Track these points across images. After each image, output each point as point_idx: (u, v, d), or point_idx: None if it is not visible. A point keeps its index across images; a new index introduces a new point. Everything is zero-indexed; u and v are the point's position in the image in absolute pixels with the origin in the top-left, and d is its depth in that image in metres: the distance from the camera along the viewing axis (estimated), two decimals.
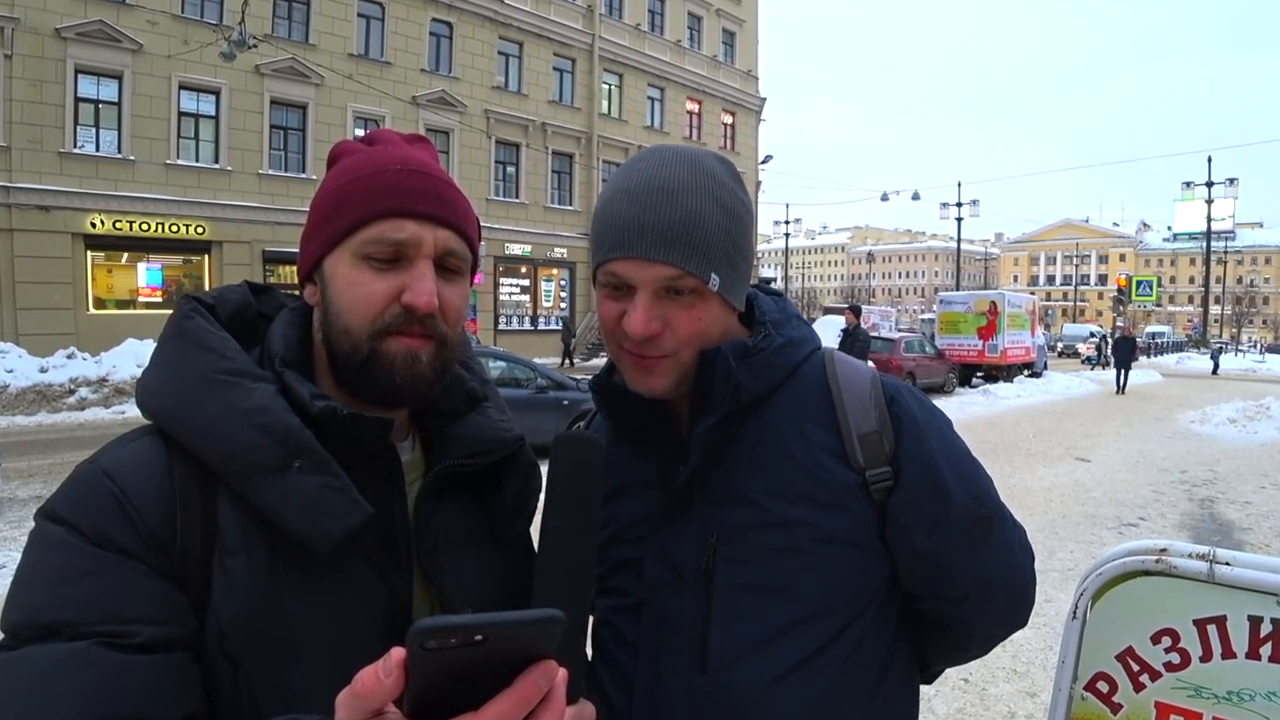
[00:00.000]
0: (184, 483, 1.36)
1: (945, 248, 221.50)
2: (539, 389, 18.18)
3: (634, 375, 1.73)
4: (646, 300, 1.63)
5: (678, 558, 1.77)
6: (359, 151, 1.59)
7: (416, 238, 1.48)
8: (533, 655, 0.94)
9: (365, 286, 1.47)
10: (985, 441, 20.78)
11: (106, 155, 33.90)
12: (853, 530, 1.72)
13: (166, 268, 36.79)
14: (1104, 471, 17.37)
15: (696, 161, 1.69)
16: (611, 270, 1.65)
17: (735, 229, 1.67)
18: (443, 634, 0.86)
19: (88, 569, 1.26)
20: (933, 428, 1.82)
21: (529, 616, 0.92)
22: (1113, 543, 9.31)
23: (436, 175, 1.56)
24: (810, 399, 1.79)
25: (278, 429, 1.38)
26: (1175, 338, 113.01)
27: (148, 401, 1.44)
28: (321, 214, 1.53)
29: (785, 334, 1.81)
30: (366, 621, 1.42)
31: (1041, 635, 7.84)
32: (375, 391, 1.48)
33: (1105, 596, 2.11)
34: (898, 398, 1.80)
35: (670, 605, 1.77)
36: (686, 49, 58.24)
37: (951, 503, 1.76)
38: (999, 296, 41.28)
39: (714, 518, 1.75)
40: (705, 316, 1.68)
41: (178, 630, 1.29)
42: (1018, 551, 1.90)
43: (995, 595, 1.88)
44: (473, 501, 1.65)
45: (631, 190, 1.64)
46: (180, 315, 1.50)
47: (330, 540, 1.35)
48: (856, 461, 1.73)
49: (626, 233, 1.61)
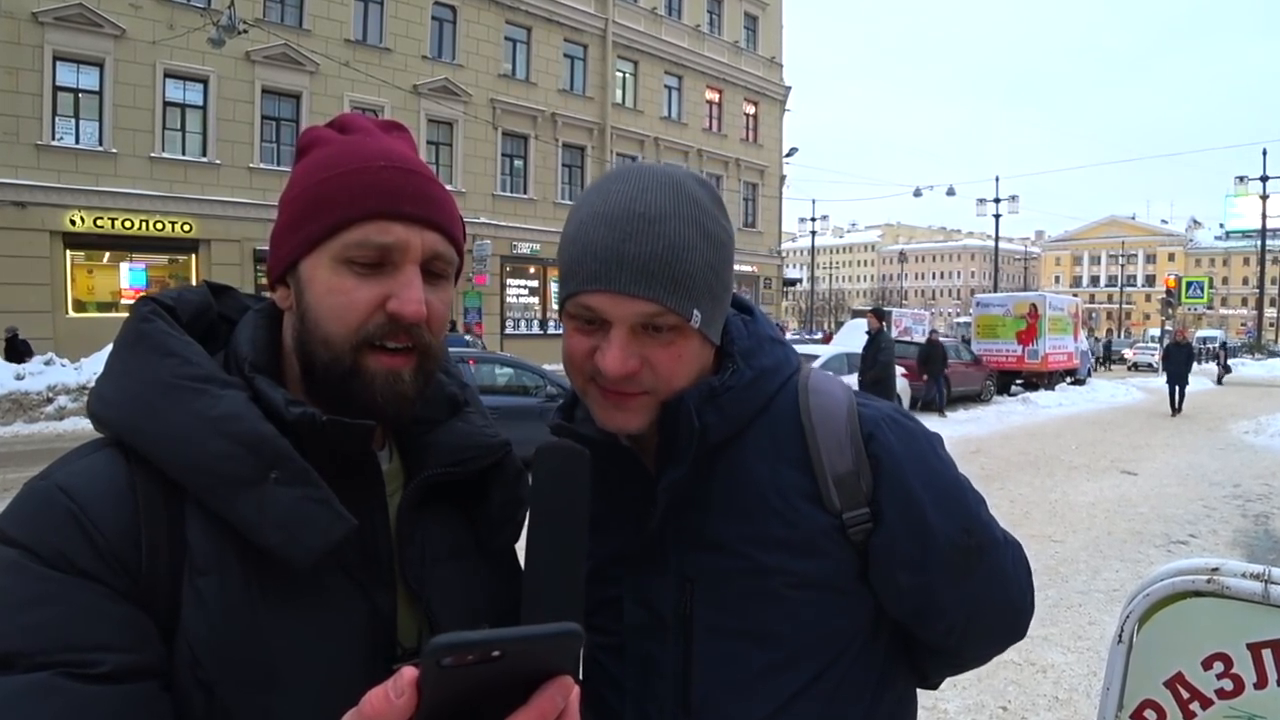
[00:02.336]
0: (147, 498, 1.34)
1: (982, 246, 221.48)
2: (548, 397, 18.04)
3: (605, 412, 1.70)
4: (623, 337, 1.60)
5: (655, 603, 1.78)
6: (333, 141, 1.57)
7: (404, 242, 1.47)
8: (548, 671, 0.94)
9: (347, 294, 1.46)
10: (1024, 453, 20.81)
11: (87, 148, 34.04)
12: (831, 575, 1.73)
13: (151, 268, 36.94)
14: (1151, 485, 17.30)
15: (679, 185, 1.65)
16: (584, 303, 1.62)
17: (718, 260, 1.66)
18: (460, 650, 0.86)
19: (44, 594, 1.23)
20: (914, 461, 1.79)
21: (548, 631, 0.92)
22: (1161, 561, 9.21)
23: (423, 173, 1.55)
24: (783, 436, 1.78)
25: (250, 437, 1.36)
26: (1228, 342, 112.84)
27: (104, 412, 1.42)
28: (298, 212, 1.51)
29: (756, 365, 1.78)
30: (348, 642, 1.41)
31: (1085, 660, 7.82)
32: (353, 407, 1.46)
33: (1153, 619, 2.10)
34: (876, 433, 1.77)
35: (651, 649, 1.78)
36: (706, 34, 58.32)
37: (935, 540, 1.75)
38: (1039, 298, 41.20)
39: (690, 563, 1.75)
40: (685, 354, 1.66)
41: (145, 658, 1.26)
42: (1010, 571, 1.90)
43: (986, 620, 1.89)
44: (456, 513, 1.63)
45: (609, 215, 1.60)
46: (138, 318, 1.48)
47: (312, 555, 1.34)
48: (832, 504, 1.72)
49: (604, 264, 1.58)
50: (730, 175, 59.20)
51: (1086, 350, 49.90)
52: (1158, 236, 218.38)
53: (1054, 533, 13.06)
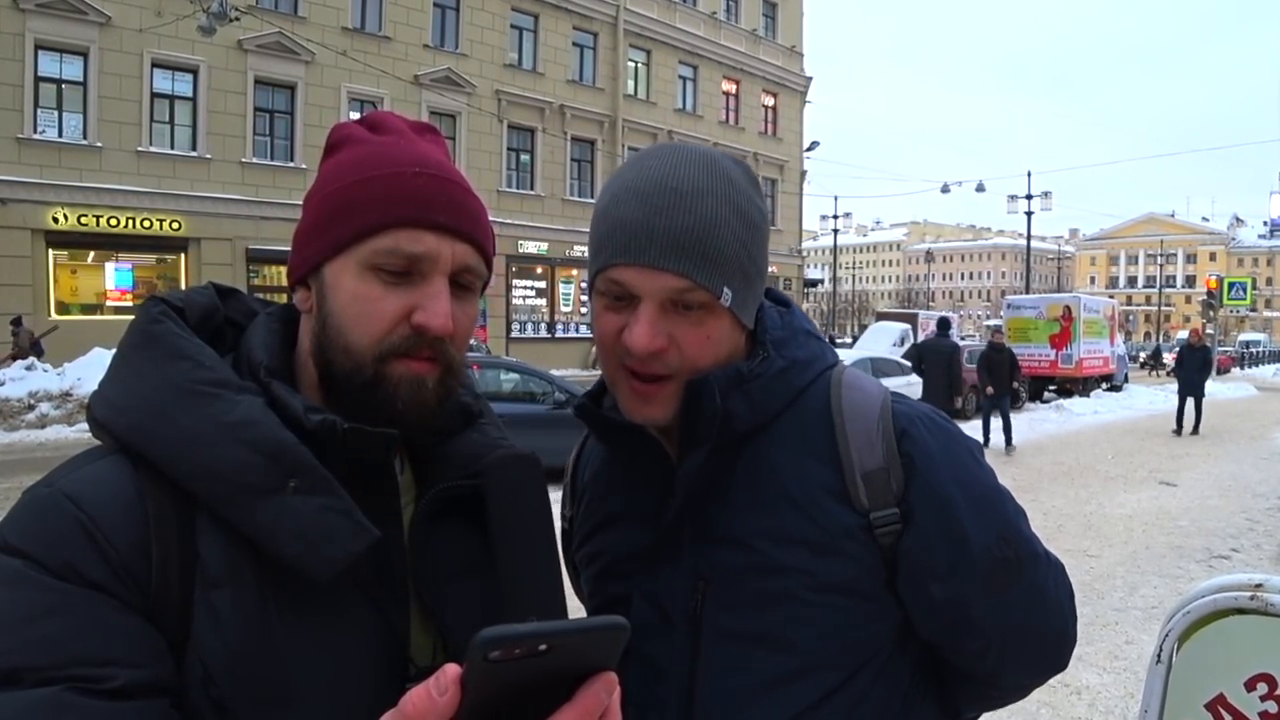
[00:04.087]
0: (157, 508, 1.35)
1: (1013, 245, 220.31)
2: (557, 404, 17.98)
3: (632, 404, 1.73)
4: (651, 313, 1.63)
5: (665, 600, 1.78)
6: (366, 141, 1.58)
7: (434, 252, 1.48)
8: (592, 667, 0.96)
9: (373, 302, 1.47)
10: (1058, 463, 20.74)
11: (70, 141, 34.11)
12: (854, 579, 1.72)
13: (138, 268, 37.02)
14: (1192, 497, 17.22)
15: (714, 163, 1.69)
16: (613, 278, 1.65)
17: (752, 240, 1.69)
18: (508, 644, 0.87)
19: (52, 605, 1.23)
20: (950, 461, 1.78)
21: (597, 624, 0.94)
22: (1201, 577, 9.19)
23: (457, 181, 1.56)
24: (812, 430, 1.78)
25: (269, 445, 1.37)
26: (1273, 346, 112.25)
27: (111, 417, 1.42)
28: (325, 213, 1.52)
29: (788, 355, 1.80)
30: (362, 660, 1.42)
31: (1122, 681, 7.80)
32: (375, 415, 1.47)
33: (1193, 638, 2.10)
34: (910, 430, 1.76)
35: (657, 652, 1.77)
36: (723, 22, 58.26)
37: (971, 547, 1.73)
38: (1074, 300, 40.96)
39: (704, 559, 1.76)
40: (714, 334, 1.68)
41: (157, 673, 1.27)
42: (1051, 592, 1.86)
43: (1025, 644, 1.85)
44: (470, 527, 1.63)
45: (641, 190, 1.64)
46: (147, 319, 1.49)
47: (333, 568, 1.34)
48: (860, 502, 1.71)
49: (634, 237, 1.61)
50: None
51: (1123, 355, 49.64)
52: (1198, 235, 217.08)
53: (1089, 547, 13.01)
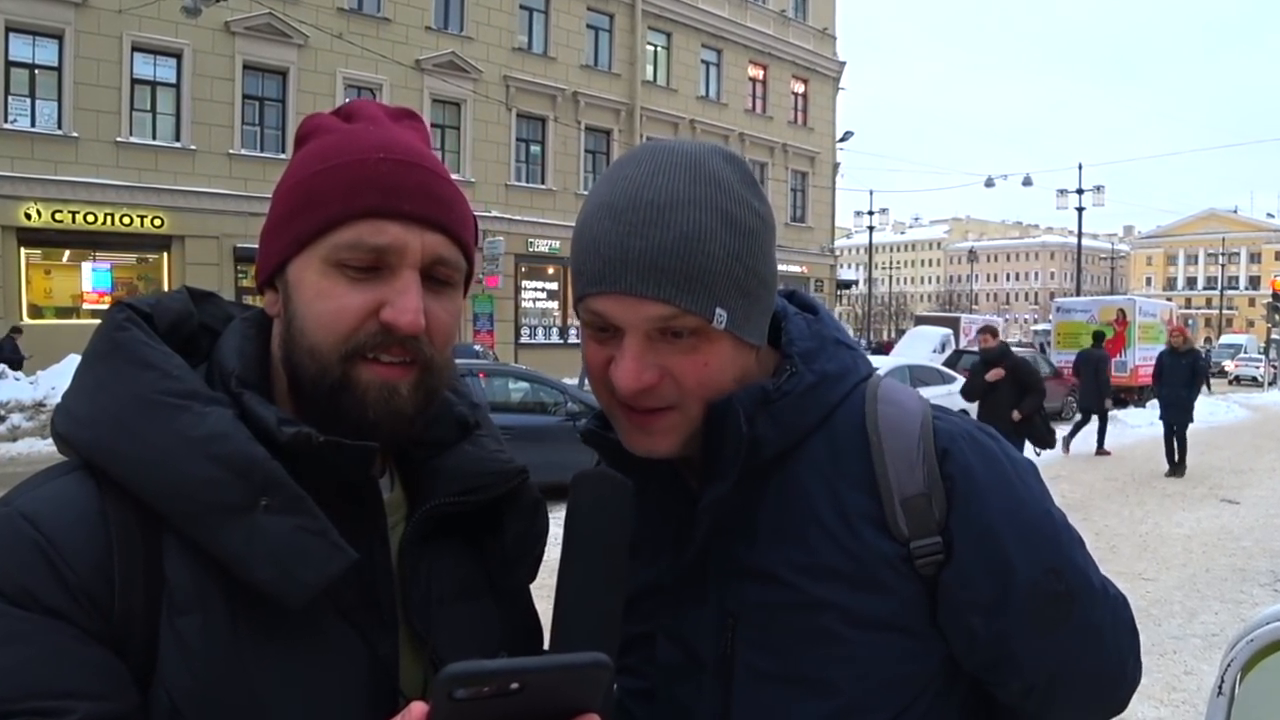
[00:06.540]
0: (121, 528, 1.34)
1: (1063, 244, 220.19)
2: (569, 415, 17.94)
3: (631, 436, 1.67)
4: (636, 346, 1.56)
5: (692, 640, 1.75)
6: (334, 130, 1.57)
7: (400, 243, 1.47)
8: (574, 708, 0.94)
9: (337, 299, 1.46)
10: (1111, 479, 20.76)
11: (44, 131, 34.28)
12: (895, 613, 1.66)
13: (117, 268, 37.25)
14: (1256, 515, 17.18)
15: (697, 165, 1.60)
16: (592, 308, 1.59)
17: (747, 249, 1.61)
18: (475, 681, 0.86)
19: (7, 634, 1.23)
20: (995, 485, 1.71)
21: (573, 661, 0.93)
22: (1266, 602, 9.18)
23: (427, 166, 1.55)
24: (846, 451, 1.72)
25: (239, 460, 1.36)
26: None
27: (73, 432, 1.42)
28: (287, 207, 1.52)
29: (817, 369, 1.73)
30: (345, 691, 1.41)
31: (1180, 715, 7.78)
32: (344, 424, 1.46)
33: (1258, 667, 2.09)
34: (952, 449, 1.70)
35: (686, 696, 1.74)
36: (749, 2, 58.43)
37: (1016, 580, 1.67)
38: (1128, 303, 41.03)
39: (732, 594, 1.71)
40: (713, 361, 1.61)
41: (119, 706, 1.26)
42: (1109, 634, 1.80)
43: (1076, 687, 1.80)
44: (465, 548, 1.63)
45: (615, 206, 1.57)
46: (112, 326, 1.47)
47: (306, 592, 1.34)
48: (899, 531, 1.66)
49: (608, 262, 1.54)
50: (776, 163, 59.27)
51: None
52: (1263, 232, 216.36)
53: (1145, 569, 12.98)
